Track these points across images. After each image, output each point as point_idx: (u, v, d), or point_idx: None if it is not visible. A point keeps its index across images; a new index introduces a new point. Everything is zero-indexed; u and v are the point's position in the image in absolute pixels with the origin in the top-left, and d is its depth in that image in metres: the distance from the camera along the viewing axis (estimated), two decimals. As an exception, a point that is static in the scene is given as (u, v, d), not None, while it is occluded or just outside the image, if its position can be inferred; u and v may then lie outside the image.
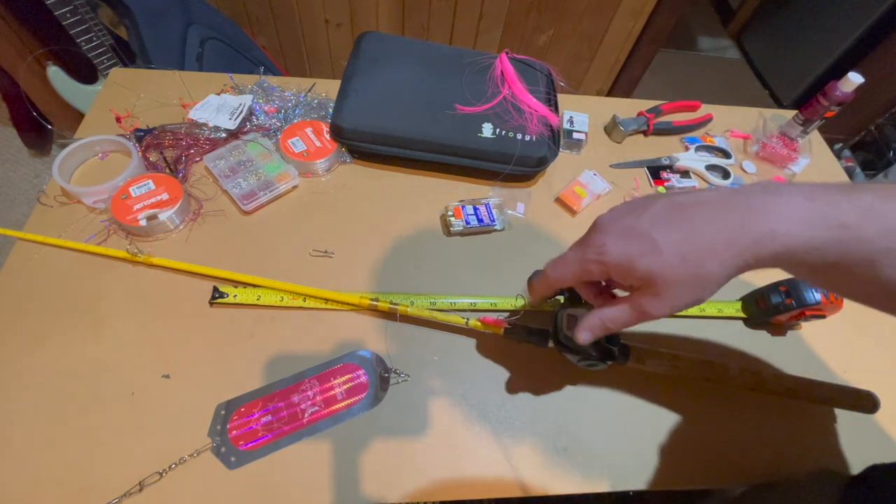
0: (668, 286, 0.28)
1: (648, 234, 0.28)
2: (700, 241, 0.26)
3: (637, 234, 0.28)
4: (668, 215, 0.28)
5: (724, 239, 0.26)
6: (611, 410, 0.46)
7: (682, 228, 0.27)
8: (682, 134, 0.72)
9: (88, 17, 0.97)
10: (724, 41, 2.30)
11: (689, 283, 0.27)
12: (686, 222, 0.27)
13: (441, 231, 0.56)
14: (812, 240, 0.24)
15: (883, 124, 1.68)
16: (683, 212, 0.27)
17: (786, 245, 0.25)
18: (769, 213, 0.25)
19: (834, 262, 0.25)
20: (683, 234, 0.27)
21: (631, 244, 0.28)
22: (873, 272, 0.24)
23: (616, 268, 0.29)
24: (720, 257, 0.26)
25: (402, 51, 0.63)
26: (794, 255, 0.25)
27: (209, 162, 0.56)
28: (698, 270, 0.27)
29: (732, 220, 0.26)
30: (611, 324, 0.32)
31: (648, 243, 0.27)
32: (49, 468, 0.38)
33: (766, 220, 0.25)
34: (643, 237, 0.28)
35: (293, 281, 0.49)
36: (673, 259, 0.27)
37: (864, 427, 0.47)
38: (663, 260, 0.27)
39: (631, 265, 0.28)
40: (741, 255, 0.26)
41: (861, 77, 0.64)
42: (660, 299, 0.28)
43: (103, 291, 0.47)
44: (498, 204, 0.57)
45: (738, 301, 0.54)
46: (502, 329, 0.45)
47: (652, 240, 0.27)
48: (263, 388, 0.44)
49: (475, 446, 0.43)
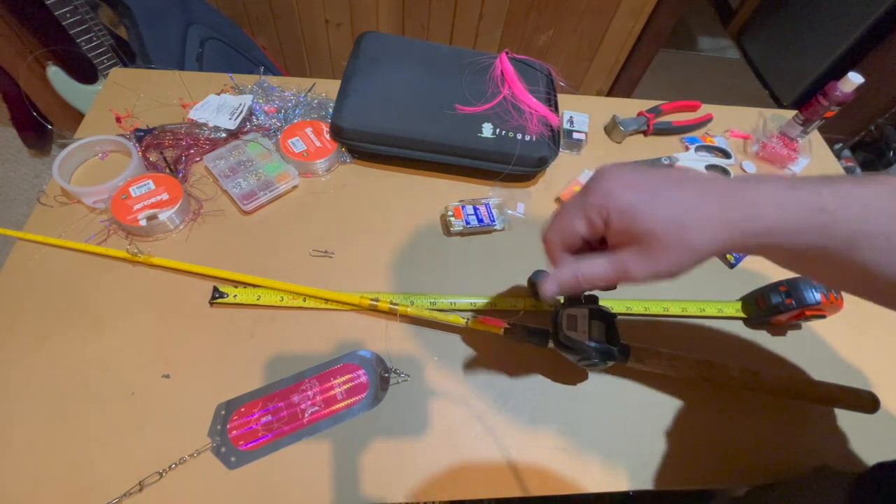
0: (658, 246, 0.28)
1: (656, 190, 0.28)
2: (698, 211, 0.27)
3: (645, 188, 0.28)
4: (676, 180, 0.29)
5: (718, 214, 0.27)
6: (611, 410, 0.46)
7: (686, 196, 0.28)
8: (682, 134, 0.72)
9: (88, 17, 0.97)
10: (724, 41, 2.30)
11: (677, 250, 0.28)
12: (690, 190, 0.28)
13: (441, 231, 0.56)
14: (792, 222, 0.25)
15: (883, 124, 1.68)
16: (689, 181, 0.28)
17: (769, 226, 0.26)
18: (757, 196, 0.26)
19: (814, 245, 0.25)
20: (686, 201, 0.28)
21: (637, 194, 0.28)
22: (851, 255, 0.25)
23: (618, 214, 0.28)
24: (711, 231, 0.27)
25: (402, 51, 0.63)
26: (775, 236, 0.26)
27: (209, 162, 0.56)
28: (689, 238, 0.27)
29: (727, 199, 0.27)
30: (584, 278, 0.31)
31: (653, 198, 0.28)
32: (49, 468, 0.38)
33: (754, 203, 0.26)
34: (651, 192, 0.28)
35: (293, 281, 0.49)
36: (671, 220, 0.27)
37: (864, 427, 0.47)
38: (663, 217, 0.27)
39: (633, 215, 0.28)
40: (729, 232, 0.27)
41: (861, 77, 0.64)
42: (645, 259, 0.28)
43: (103, 291, 0.47)
44: (498, 204, 0.57)
45: (738, 301, 0.54)
46: (502, 329, 0.45)
47: (657, 196, 0.28)
48: (263, 388, 0.44)
49: (475, 446, 0.43)
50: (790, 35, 1.99)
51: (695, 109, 0.74)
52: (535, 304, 0.51)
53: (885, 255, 0.25)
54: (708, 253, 0.28)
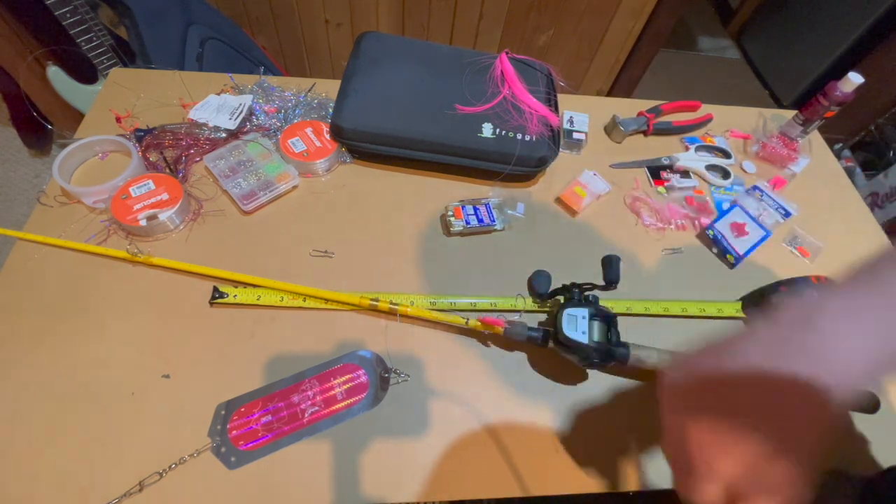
0: None
1: None
2: None
3: None
4: None
5: None
6: (610, 410, 0.46)
7: None
8: (682, 134, 0.72)
9: (88, 17, 0.97)
10: (724, 41, 2.30)
11: None
12: None
13: (441, 231, 0.56)
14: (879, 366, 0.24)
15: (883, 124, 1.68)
16: None
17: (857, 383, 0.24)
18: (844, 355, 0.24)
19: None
20: None
21: None
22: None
23: None
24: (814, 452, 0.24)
25: (402, 51, 0.63)
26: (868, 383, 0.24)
27: (209, 162, 0.56)
28: None
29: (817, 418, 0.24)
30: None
31: None
32: (49, 468, 0.38)
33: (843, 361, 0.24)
34: None
35: (293, 281, 0.49)
36: None
37: (864, 427, 0.47)
38: None
39: None
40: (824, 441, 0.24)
41: (861, 77, 0.64)
42: None
43: (103, 291, 0.47)
44: (498, 204, 0.57)
45: (738, 301, 0.54)
46: (502, 329, 0.45)
47: None
48: (263, 388, 0.44)
49: (475, 446, 0.43)
50: (790, 35, 1.99)
51: (695, 109, 0.74)
52: (535, 304, 0.51)
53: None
54: None
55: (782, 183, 0.67)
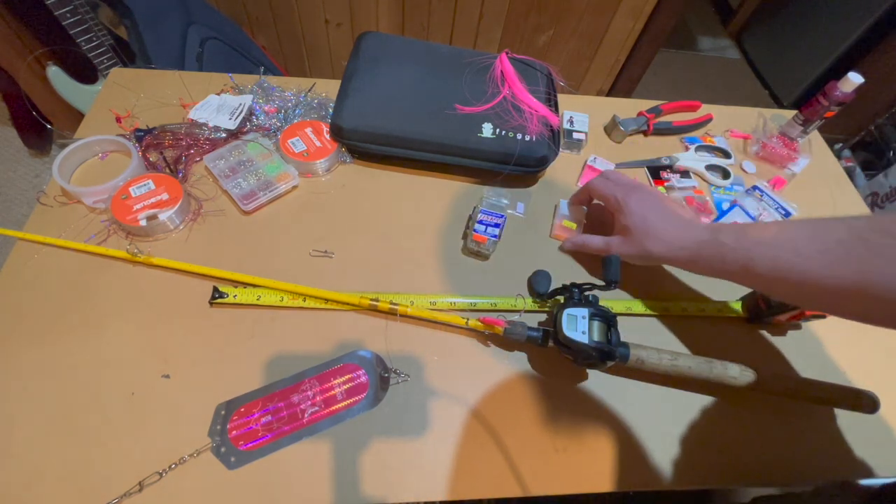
0: (632, 240, 0.47)
1: (654, 210, 0.47)
2: (662, 234, 0.46)
3: (650, 207, 0.47)
4: (669, 214, 0.47)
5: (668, 241, 0.45)
6: (610, 410, 0.46)
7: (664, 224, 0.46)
8: (682, 134, 0.72)
9: (88, 17, 0.97)
10: (724, 41, 2.30)
11: (639, 248, 0.47)
12: (668, 222, 0.46)
13: (442, 231, 0.56)
14: (701, 251, 0.43)
15: (883, 124, 1.68)
16: (673, 218, 0.46)
17: (690, 253, 0.44)
18: (688, 231, 0.45)
19: (720, 265, 0.41)
20: (660, 224, 0.46)
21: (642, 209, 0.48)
22: (748, 270, 0.39)
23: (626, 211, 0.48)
24: (660, 247, 0.45)
25: (402, 51, 0.63)
26: (693, 260, 0.44)
27: (209, 162, 0.56)
28: (648, 245, 0.46)
29: (678, 234, 0.45)
30: (583, 243, 0.53)
31: (648, 213, 0.47)
32: (49, 468, 0.38)
33: (684, 237, 0.44)
34: (650, 210, 0.47)
35: (293, 281, 0.49)
36: (645, 231, 0.47)
37: (864, 427, 0.47)
38: (643, 227, 0.47)
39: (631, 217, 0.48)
40: (670, 252, 0.45)
41: (861, 77, 0.64)
42: (623, 243, 0.49)
43: (103, 291, 0.47)
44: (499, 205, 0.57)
45: (739, 301, 0.54)
46: (502, 329, 0.45)
47: (650, 213, 0.47)
48: (263, 388, 0.44)
49: (475, 446, 0.43)
50: (790, 35, 1.99)
51: (695, 109, 0.74)
52: (535, 304, 0.51)
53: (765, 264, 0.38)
54: (656, 259, 0.47)
55: (782, 183, 0.67)
